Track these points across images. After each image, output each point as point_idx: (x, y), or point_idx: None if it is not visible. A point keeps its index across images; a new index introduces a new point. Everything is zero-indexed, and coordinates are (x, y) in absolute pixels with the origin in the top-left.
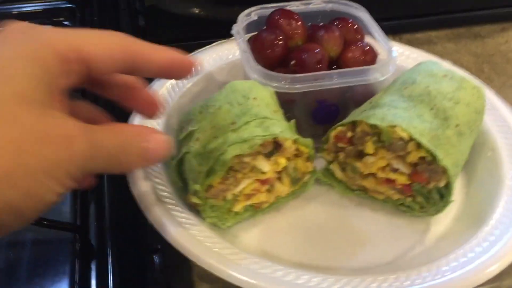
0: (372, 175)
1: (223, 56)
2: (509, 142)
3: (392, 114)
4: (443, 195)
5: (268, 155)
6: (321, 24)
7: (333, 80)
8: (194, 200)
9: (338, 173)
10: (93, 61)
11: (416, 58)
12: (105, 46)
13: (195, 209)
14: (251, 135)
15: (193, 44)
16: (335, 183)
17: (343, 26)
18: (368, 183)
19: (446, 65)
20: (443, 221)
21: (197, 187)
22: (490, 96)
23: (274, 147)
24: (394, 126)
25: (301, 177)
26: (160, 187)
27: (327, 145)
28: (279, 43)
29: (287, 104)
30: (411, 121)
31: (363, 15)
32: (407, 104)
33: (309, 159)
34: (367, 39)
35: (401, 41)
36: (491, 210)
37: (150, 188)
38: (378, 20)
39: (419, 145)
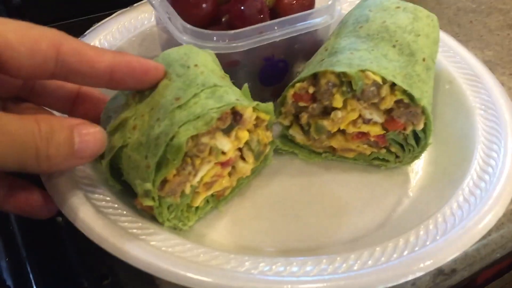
0: (341, 132)
1: (130, 27)
2: (465, 72)
3: (357, 57)
4: (419, 139)
5: (227, 131)
6: None
7: (280, 31)
8: (147, 202)
9: (300, 138)
10: (6, 51)
11: None
12: (28, 37)
13: (147, 214)
14: (204, 108)
15: (84, 20)
16: (298, 150)
17: None
18: (336, 142)
19: None
20: (419, 166)
21: (148, 186)
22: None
23: (233, 119)
24: (365, 70)
25: (263, 149)
26: (96, 196)
27: (284, 108)
28: None
29: (229, 67)
30: (378, 62)
31: None
32: (368, 45)
33: (268, 127)
34: None
35: None
36: (470, 144)
37: (82, 199)
38: None
39: (392, 88)
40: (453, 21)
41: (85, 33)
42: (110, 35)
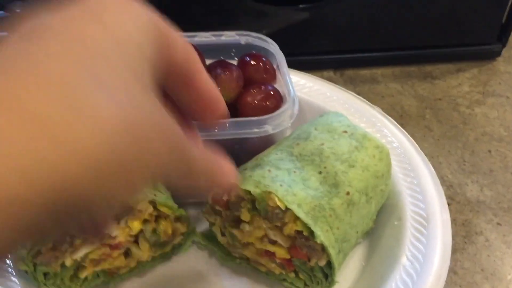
0: (252, 244)
1: None
2: (417, 212)
3: (271, 177)
4: (327, 274)
5: (118, 217)
6: (221, 61)
7: (218, 132)
8: (21, 266)
9: (220, 237)
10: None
11: (340, 101)
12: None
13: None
14: None
15: None
16: (217, 248)
17: (252, 63)
18: (249, 253)
19: (348, 120)
20: None
21: (23, 252)
22: (413, 153)
23: (125, 209)
24: (270, 193)
25: (169, 239)
26: None
27: (205, 207)
28: None
29: None
30: (292, 187)
31: (277, 52)
32: (294, 165)
33: (180, 219)
34: (279, 80)
35: (342, 77)
36: None
37: None
38: (319, 53)
39: (296, 217)
40: (468, 147)
41: None
42: None
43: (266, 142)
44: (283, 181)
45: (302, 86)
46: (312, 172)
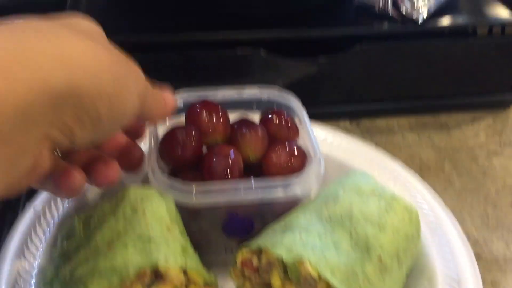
0: None
1: None
2: (448, 274)
3: (303, 242)
4: None
5: (147, 286)
6: (245, 120)
7: (244, 194)
8: None
9: None
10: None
11: (361, 155)
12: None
13: None
14: (125, 262)
15: None
16: None
17: (275, 120)
18: None
19: (375, 181)
20: None
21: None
22: (439, 210)
23: (154, 277)
24: (302, 260)
25: None
26: None
27: (234, 269)
28: (192, 143)
29: (192, 214)
30: (324, 252)
31: (298, 107)
32: (324, 228)
33: (209, 284)
34: (302, 136)
35: (358, 127)
36: None
37: None
38: (335, 103)
39: (329, 284)
40: (490, 200)
41: None
42: None
43: (293, 203)
44: (315, 246)
45: (323, 140)
46: (343, 235)
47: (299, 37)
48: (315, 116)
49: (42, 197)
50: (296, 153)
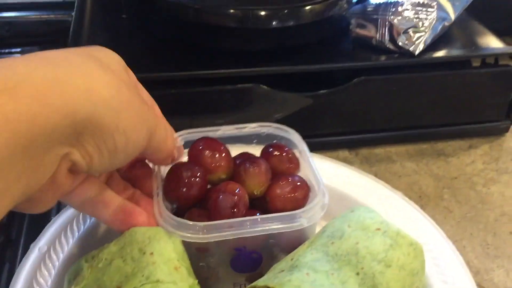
0: None
1: None
2: None
3: (310, 281)
4: None
5: None
6: (247, 154)
7: (250, 228)
8: None
9: None
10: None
11: (361, 187)
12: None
13: None
14: None
15: None
16: None
17: (276, 153)
18: None
19: (381, 216)
20: None
21: None
22: (441, 242)
23: None
24: None
25: None
26: None
27: None
28: (196, 180)
29: (201, 252)
30: None
31: (299, 140)
32: (331, 266)
33: None
34: (303, 168)
35: (357, 157)
36: None
37: None
38: (334, 133)
39: None
40: (490, 229)
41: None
42: None
43: (300, 237)
44: (323, 286)
45: (324, 172)
46: (350, 273)
47: (298, 72)
48: (314, 146)
49: (46, 237)
50: (299, 185)
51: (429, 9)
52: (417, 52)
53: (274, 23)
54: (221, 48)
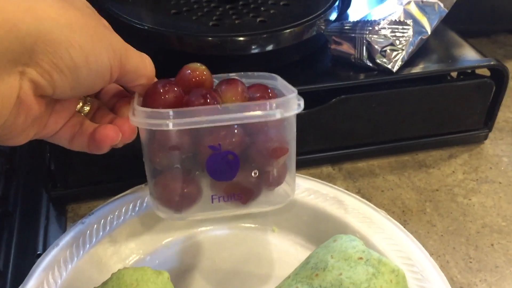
0: None
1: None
2: None
3: None
4: None
5: None
6: (228, 78)
7: (222, 114)
8: None
9: None
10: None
11: (345, 207)
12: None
13: None
14: None
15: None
16: None
17: (257, 88)
18: None
19: (362, 245)
20: None
21: None
22: (425, 262)
23: None
24: None
25: None
26: None
27: None
28: (174, 88)
29: (174, 151)
30: None
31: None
32: None
33: None
34: None
35: (341, 172)
36: None
37: None
38: (316, 151)
39: None
40: (472, 242)
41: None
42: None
43: (277, 136)
44: None
45: (309, 193)
46: None
47: None
48: (298, 163)
49: (30, 285)
50: (271, 91)
51: (405, 27)
52: (395, 69)
53: (253, 48)
54: None
